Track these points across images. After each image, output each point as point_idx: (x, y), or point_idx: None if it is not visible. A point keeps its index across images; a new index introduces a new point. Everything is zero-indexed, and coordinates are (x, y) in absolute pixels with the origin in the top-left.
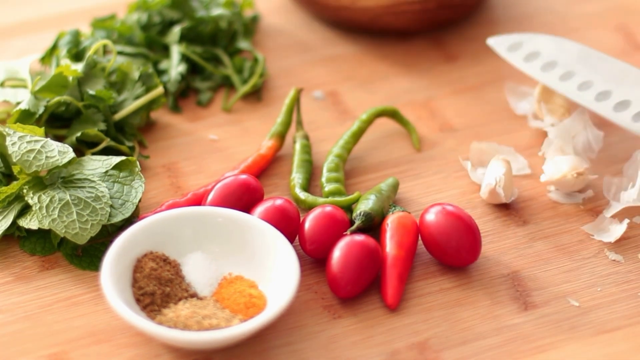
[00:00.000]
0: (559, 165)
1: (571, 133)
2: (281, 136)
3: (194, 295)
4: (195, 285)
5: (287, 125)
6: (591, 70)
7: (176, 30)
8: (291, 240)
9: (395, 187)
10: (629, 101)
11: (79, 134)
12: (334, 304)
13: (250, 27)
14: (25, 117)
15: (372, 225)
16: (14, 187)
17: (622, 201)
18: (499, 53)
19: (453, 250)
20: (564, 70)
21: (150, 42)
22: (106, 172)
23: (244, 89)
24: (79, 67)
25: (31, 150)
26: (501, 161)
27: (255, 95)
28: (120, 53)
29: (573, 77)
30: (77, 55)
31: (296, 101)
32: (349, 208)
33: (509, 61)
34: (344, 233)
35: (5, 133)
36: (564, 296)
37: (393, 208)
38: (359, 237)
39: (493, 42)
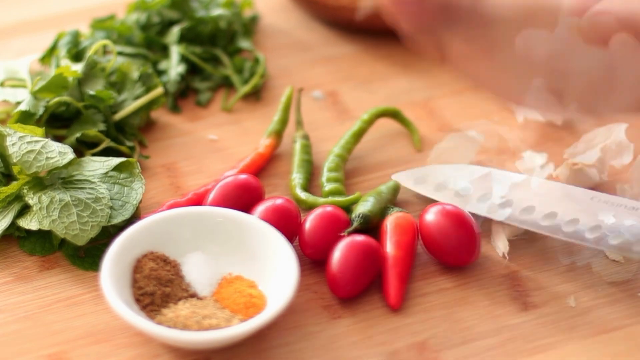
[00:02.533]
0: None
1: (596, 141)
2: (278, 134)
3: (193, 295)
4: (195, 285)
5: (284, 123)
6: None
7: (175, 31)
8: (291, 240)
9: (396, 190)
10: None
11: (79, 135)
12: (334, 304)
13: (250, 27)
14: (25, 117)
15: (370, 227)
16: (13, 187)
17: None
18: (407, 187)
19: (453, 250)
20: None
21: (150, 42)
22: (106, 173)
23: (244, 89)
24: (78, 67)
25: (31, 151)
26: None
27: (255, 95)
28: (119, 53)
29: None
30: (76, 55)
31: (294, 100)
32: (349, 208)
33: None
34: (340, 234)
35: (5, 133)
36: (563, 296)
37: (391, 209)
38: (359, 238)
39: (397, 177)
